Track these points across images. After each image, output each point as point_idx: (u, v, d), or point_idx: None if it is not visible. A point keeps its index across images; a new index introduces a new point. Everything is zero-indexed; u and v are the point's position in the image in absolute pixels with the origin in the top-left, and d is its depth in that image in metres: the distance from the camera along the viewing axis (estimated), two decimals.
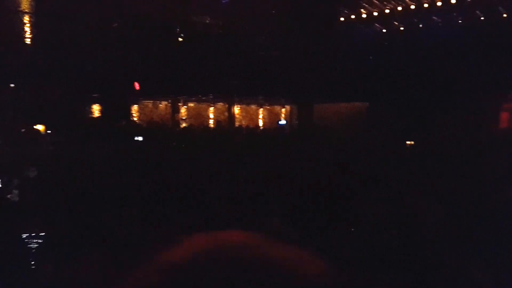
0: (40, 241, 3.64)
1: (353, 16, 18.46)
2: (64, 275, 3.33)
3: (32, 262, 3.04)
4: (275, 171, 8.09)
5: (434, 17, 17.74)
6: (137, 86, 14.80)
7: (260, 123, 22.12)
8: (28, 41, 13.38)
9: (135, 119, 17.65)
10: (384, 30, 18.89)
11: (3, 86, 13.01)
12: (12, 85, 13.49)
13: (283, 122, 21.36)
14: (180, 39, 15.05)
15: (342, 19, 18.48)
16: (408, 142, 13.39)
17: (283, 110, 22.77)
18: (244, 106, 21.50)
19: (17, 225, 4.20)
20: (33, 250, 3.35)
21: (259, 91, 18.47)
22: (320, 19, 16.27)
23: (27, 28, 13.54)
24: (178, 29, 15.32)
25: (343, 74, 15.74)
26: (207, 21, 16.74)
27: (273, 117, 22.53)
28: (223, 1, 16.31)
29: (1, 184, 6.42)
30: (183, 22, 15.48)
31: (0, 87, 12.98)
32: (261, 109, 22.19)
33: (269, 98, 20.82)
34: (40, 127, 12.57)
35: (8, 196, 5.88)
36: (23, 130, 12.41)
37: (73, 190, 5.88)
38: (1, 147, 10.15)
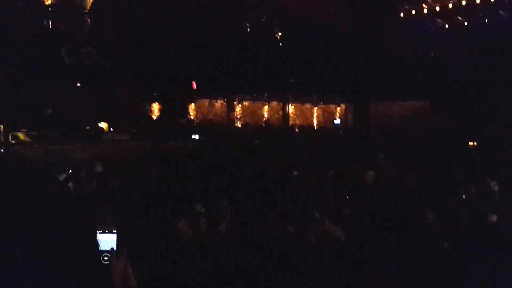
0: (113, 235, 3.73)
1: (413, 11, 17.83)
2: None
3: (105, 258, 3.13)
4: (333, 171, 7.98)
5: (500, 12, 16.78)
6: (194, 85, 15.08)
7: (315, 122, 21.93)
8: (91, 41, 13.94)
9: (191, 117, 18.04)
10: (446, 26, 18.12)
11: (71, 86, 13.70)
12: (78, 84, 14.18)
13: (338, 121, 21.03)
14: (236, 38, 15.16)
15: (402, 14, 17.90)
16: (470, 143, 12.80)
17: (338, 109, 22.44)
18: (298, 104, 21.38)
19: (90, 219, 4.39)
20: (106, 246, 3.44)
21: (314, 90, 18.28)
22: (379, 14, 15.86)
23: (90, 29, 14.14)
24: (233, 28, 15.44)
25: (403, 72, 15.26)
26: (263, 20, 16.76)
27: (327, 116, 22.25)
28: None
29: (71, 179, 6.75)
30: (239, 21, 15.57)
31: (68, 87, 13.67)
32: (316, 108, 21.98)
33: (324, 96, 20.57)
34: (103, 125, 13.09)
35: (80, 190, 6.17)
36: (87, 127, 13.00)
37: (140, 185, 6.07)
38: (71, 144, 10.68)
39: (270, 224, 4.58)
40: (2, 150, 9.67)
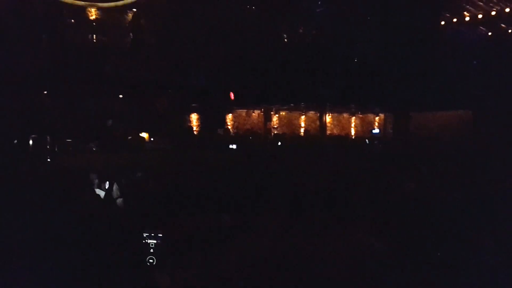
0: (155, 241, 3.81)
1: (455, 20, 17.44)
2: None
3: (151, 261, 3.21)
4: (374, 180, 7.85)
5: None
6: (232, 96, 15.26)
7: (352, 131, 21.71)
8: (133, 55, 14.33)
9: (229, 127, 18.25)
10: (489, 33, 17.61)
11: (114, 98, 14.18)
12: (120, 96, 14.65)
13: (376, 130, 20.73)
14: (273, 49, 15.25)
15: (443, 23, 17.54)
16: None
17: (377, 118, 22.14)
18: (336, 114, 21.24)
19: (133, 225, 4.52)
20: (152, 249, 3.51)
21: (352, 100, 18.11)
22: (419, 23, 15.58)
23: (132, 43, 14.57)
24: (271, 40, 15.55)
25: (444, 81, 14.88)
26: (300, 31, 16.82)
27: (366, 126, 21.98)
28: (317, 10, 16.29)
29: (114, 188, 6.96)
30: (277, 33, 15.68)
31: (111, 99, 14.17)
32: (354, 118, 21.77)
33: (362, 106, 20.35)
34: (144, 135, 13.42)
35: (122, 198, 6.36)
36: (129, 137, 13.37)
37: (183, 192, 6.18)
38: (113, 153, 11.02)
39: (307, 236, 4.57)
40: (48, 159, 10.09)
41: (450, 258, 4.22)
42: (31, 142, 10.42)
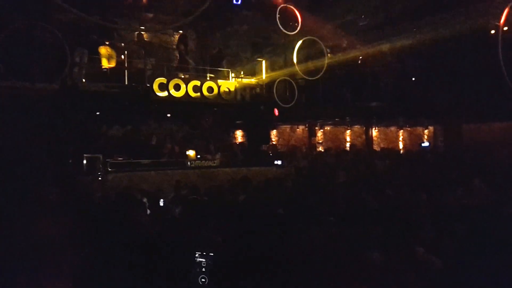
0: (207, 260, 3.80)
1: (505, 28, 16.73)
2: None
3: (203, 280, 3.21)
4: (427, 195, 7.58)
5: None
6: (276, 112, 15.28)
7: (400, 145, 21.16)
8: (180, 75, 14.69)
9: (274, 143, 18.28)
10: None
11: (162, 116, 14.54)
12: (169, 115, 15.00)
13: (426, 144, 20.09)
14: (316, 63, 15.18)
15: (492, 31, 16.87)
16: None
17: (426, 131, 21.49)
18: (382, 128, 20.81)
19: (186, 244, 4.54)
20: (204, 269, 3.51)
21: (399, 113, 17.69)
22: (466, 32, 15.08)
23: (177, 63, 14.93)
24: (314, 54, 15.49)
25: (497, 91, 14.27)
26: (344, 45, 16.70)
27: (414, 139, 21.38)
28: (360, 24, 16.15)
29: (165, 205, 7.11)
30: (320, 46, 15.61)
31: (158, 117, 14.55)
32: (401, 131, 21.24)
33: (411, 119, 19.84)
34: (191, 152, 13.65)
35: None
36: (176, 154, 13.63)
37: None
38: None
39: (360, 250, 4.45)
40: (100, 178, 10.44)
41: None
42: (84, 161, 10.85)
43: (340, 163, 14.10)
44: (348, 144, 20.17)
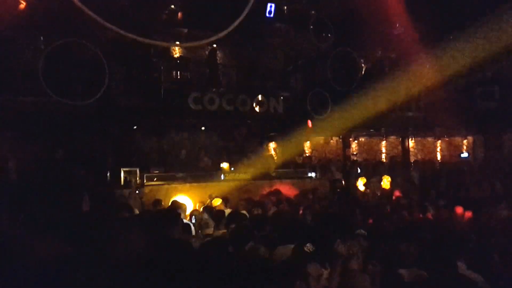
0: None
1: None
2: None
3: None
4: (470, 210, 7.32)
5: None
6: (310, 124, 15.21)
7: (438, 156, 20.57)
8: (213, 88, 14.88)
9: (308, 155, 18.13)
10: None
11: (197, 129, 14.77)
12: (203, 128, 15.20)
13: (465, 154, 19.46)
14: (352, 75, 15.05)
15: None
16: None
17: (465, 141, 20.83)
18: (419, 139, 20.32)
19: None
20: None
21: (437, 123, 17.24)
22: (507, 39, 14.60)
23: (211, 77, 15.14)
24: (349, 66, 15.37)
25: None
26: (379, 55, 16.50)
27: (453, 150, 20.75)
28: (395, 33, 15.92)
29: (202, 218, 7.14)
30: (354, 58, 15.49)
31: (194, 130, 14.78)
32: (439, 141, 20.66)
33: (449, 129, 19.28)
34: (225, 165, 13.72)
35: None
36: (210, 167, 13.74)
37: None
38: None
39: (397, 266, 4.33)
40: (137, 192, 10.64)
41: None
42: (122, 174, 11.10)
43: (375, 175, 13.85)
44: (383, 156, 19.77)
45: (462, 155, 19.32)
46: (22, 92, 11.03)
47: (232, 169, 13.15)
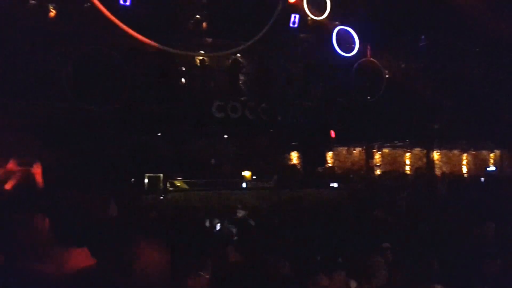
0: None
1: None
2: None
3: None
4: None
5: None
6: (332, 134, 15.14)
7: (464, 169, 20.15)
8: (236, 96, 14.95)
9: (330, 165, 18.02)
10: None
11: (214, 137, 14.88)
12: (225, 136, 15.30)
13: (492, 168, 19.01)
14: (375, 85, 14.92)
15: None
16: None
17: (492, 155, 20.35)
18: (444, 151, 19.95)
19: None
20: None
21: (463, 136, 16.91)
22: None
23: (234, 85, 15.25)
24: (372, 76, 15.26)
25: None
26: (403, 66, 16.33)
27: (479, 163, 20.28)
28: (420, 44, 15.76)
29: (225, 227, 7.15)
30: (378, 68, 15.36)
31: (216, 139, 14.88)
32: (465, 155, 20.24)
33: (475, 142, 18.89)
34: (247, 173, 13.77)
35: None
36: (232, 175, 13.81)
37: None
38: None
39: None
40: (162, 197, 10.76)
41: None
42: (146, 180, 11.25)
43: (399, 187, 13.63)
44: (407, 168, 19.47)
45: (489, 169, 18.87)
46: (46, 97, 11.25)
47: (254, 177, 13.19)
